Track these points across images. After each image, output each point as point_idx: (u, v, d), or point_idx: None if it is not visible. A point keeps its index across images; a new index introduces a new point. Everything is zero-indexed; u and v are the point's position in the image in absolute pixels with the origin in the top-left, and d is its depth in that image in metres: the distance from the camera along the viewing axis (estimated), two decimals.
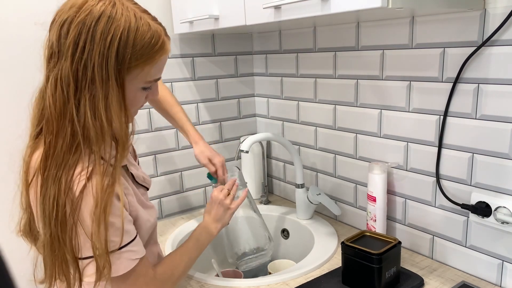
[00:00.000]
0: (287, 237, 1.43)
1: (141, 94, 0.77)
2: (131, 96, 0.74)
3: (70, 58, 0.67)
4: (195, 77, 1.50)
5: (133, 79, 0.72)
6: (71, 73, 0.68)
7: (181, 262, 0.90)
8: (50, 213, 0.70)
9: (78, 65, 0.67)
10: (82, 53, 0.67)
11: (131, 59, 0.69)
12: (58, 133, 0.70)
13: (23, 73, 1.17)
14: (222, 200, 1.03)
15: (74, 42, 0.67)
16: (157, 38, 0.72)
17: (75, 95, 0.69)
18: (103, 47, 0.67)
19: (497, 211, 0.94)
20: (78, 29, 0.67)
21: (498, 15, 0.88)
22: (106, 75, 0.68)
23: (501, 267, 0.97)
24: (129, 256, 0.76)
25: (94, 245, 0.70)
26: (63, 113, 0.69)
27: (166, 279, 0.86)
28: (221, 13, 1.16)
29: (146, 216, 0.85)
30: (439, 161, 1.05)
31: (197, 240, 0.96)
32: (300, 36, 1.38)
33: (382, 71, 1.14)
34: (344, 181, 1.33)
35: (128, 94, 0.73)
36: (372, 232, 1.03)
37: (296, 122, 1.48)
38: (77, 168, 0.70)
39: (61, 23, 0.68)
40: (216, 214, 1.02)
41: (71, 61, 0.68)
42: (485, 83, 0.93)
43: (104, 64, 0.68)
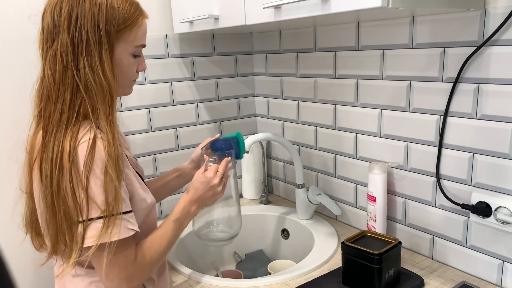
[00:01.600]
0: (287, 237, 1.43)
1: (133, 62, 0.86)
2: (125, 62, 0.84)
3: (66, 30, 0.77)
4: (195, 77, 1.50)
5: (125, 44, 0.83)
6: (69, 42, 0.77)
7: (161, 246, 0.88)
8: (52, 173, 0.76)
9: (74, 34, 0.77)
10: (76, 23, 0.77)
11: (119, 22, 0.80)
12: (57, 100, 0.78)
13: (24, 71, 1.16)
14: (216, 185, 0.97)
15: (69, 16, 0.77)
16: (135, 5, 0.84)
17: (73, 60, 0.78)
18: (93, 14, 0.78)
19: (498, 211, 0.93)
20: (70, 5, 0.77)
21: (498, 15, 0.88)
22: (99, 37, 0.78)
23: (501, 267, 0.97)
24: (127, 225, 0.79)
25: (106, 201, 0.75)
26: (62, 81, 0.78)
27: (146, 263, 0.85)
28: (221, 13, 1.16)
29: (142, 195, 0.87)
30: (439, 161, 1.05)
31: (178, 221, 0.93)
32: (300, 36, 1.38)
33: (382, 71, 1.14)
34: (344, 181, 1.33)
35: (122, 59, 0.83)
36: (372, 232, 1.03)
37: (296, 122, 1.48)
38: (80, 130, 0.77)
39: (53, 6, 0.78)
40: (202, 196, 0.96)
41: (68, 32, 0.77)
42: (485, 83, 0.93)
43: (96, 28, 0.78)
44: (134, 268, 0.82)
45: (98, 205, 0.75)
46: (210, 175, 0.97)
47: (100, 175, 0.76)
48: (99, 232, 0.76)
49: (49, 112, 0.79)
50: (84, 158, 0.75)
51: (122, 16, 0.80)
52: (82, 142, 0.75)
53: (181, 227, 0.93)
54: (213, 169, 0.98)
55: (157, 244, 0.88)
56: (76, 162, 0.75)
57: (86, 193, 0.75)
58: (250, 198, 1.61)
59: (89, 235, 0.76)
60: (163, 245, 0.89)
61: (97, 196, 0.75)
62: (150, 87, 1.41)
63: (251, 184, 1.60)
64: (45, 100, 0.80)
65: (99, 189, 0.76)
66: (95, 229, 0.76)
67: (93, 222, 0.76)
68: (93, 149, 0.75)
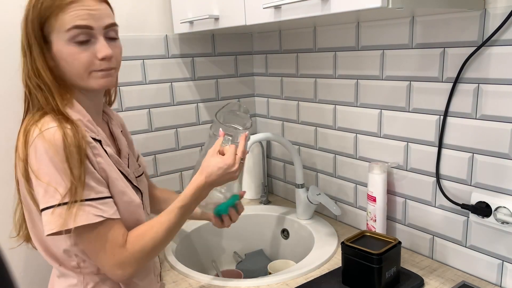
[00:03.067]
0: (287, 237, 1.43)
1: (78, 50, 0.78)
2: (66, 53, 0.78)
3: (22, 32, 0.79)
4: (195, 77, 1.50)
5: (57, 33, 0.78)
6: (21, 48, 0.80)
7: (158, 233, 0.82)
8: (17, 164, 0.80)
9: (22, 36, 0.80)
10: (24, 24, 0.79)
11: (41, 13, 0.77)
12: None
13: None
14: (235, 171, 0.87)
15: (24, 18, 0.79)
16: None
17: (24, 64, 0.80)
18: (26, 14, 0.78)
19: (497, 211, 0.94)
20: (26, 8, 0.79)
21: (498, 15, 0.88)
22: (30, 37, 0.78)
23: (501, 267, 0.97)
24: (92, 211, 0.76)
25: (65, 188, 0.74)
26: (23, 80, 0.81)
27: (137, 250, 0.80)
28: (221, 13, 1.16)
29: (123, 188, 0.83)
30: (439, 161, 1.05)
31: (184, 208, 0.85)
32: (300, 36, 1.38)
33: (382, 71, 1.14)
34: (344, 181, 1.33)
35: (61, 51, 0.79)
36: (372, 232, 1.03)
37: (296, 122, 1.48)
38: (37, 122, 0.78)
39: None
40: (218, 180, 0.87)
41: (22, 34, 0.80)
42: (485, 83, 0.93)
43: (28, 29, 0.78)
44: (123, 255, 0.79)
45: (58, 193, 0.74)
46: (230, 161, 0.87)
47: (63, 164, 0.74)
48: (59, 218, 0.74)
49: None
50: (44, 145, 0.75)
51: (45, 5, 0.76)
52: (43, 130, 0.75)
53: (186, 213, 0.86)
54: (232, 153, 0.88)
55: (153, 231, 0.82)
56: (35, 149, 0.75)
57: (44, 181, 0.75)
58: (250, 198, 1.62)
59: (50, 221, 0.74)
60: (160, 233, 0.82)
61: (57, 184, 0.74)
62: (150, 87, 1.41)
63: (251, 184, 1.60)
64: None
65: (61, 176, 0.74)
66: (58, 214, 0.74)
67: (55, 208, 0.74)
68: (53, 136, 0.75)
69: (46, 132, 0.75)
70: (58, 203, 0.74)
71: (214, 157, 0.88)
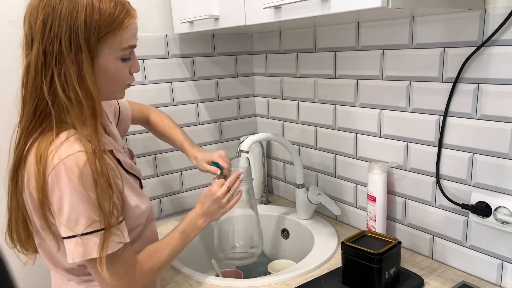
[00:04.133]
0: (287, 237, 1.43)
1: (122, 66, 0.79)
2: (113, 68, 0.77)
3: (40, 39, 0.71)
4: (195, 77, 1.50)
5: (109, 49, 0.75)
6: (41, 53, 0.71)
7: (163, 254, 0.87)
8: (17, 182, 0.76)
9: (46, 43, 0.71)
10: (50, 31, 0.71)
11: (101, 28, 0.73)
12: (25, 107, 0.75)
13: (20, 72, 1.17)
14: (219, 197, 1.00)
15: (43, 24, 0.71)
16: (121, 6, 0.76)
17: (44, 72, 0.72)
18: (69, 21, 0.70)
19: (497, 211, 0.94)
20: (45, 11, 0.71)
21: (498, 15, 0.88)
22: (77, 46, 0.71)
23: (501, 267, 0.97)
24: (115, 239, 0.76)
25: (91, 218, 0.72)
26: (33, 91, 0.73)
27: (146, 271, 0.84)
28: (221, 13, 1.16)
29: (135, 202, 0.84)
30: (439, 161, 1.05)
31: (184, 233, 0.93)
32: (300, 36, 1.38)
33: (382, 71, 1.14)
34: (344, 181, 1.33)
35: (109, 65, 0.76)
36: (372, 232, 1.03)
37: (296, 122, 1.48)
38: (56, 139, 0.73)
39: (30, 12, 0.73)
40: (208, 209, 0.99)
41: (41, 41, 0.71)
42: (485, 83, 0.93)
43: (73, 37, 0.71)
44: (133, 275, 0.81)
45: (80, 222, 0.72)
46: (214, 188, 1.00)
47: (87, 192, 0.71)
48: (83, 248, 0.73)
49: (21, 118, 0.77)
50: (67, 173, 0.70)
51: (104, 20, 0.73)
52: (66, 156, 0.71)
53: (187, 239, 0.94)
54: (217, 183, 1.02)
55: (160, 252, 0.87)
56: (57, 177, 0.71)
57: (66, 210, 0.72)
58: None
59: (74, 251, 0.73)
60: (165, 254, 0.88)
61: (80, 213, 0.72)
62: (151, 87, 1.41)
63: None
64: (21, 107, 0.77)
65: (84, 205, 0.72)
66: (81, 244, 0.73)
67: (77, 238, 0.73)
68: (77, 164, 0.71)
69: (69, 158, 0.71)
70: (81, 233, 0.72)
71: (204, 191, 1.01)
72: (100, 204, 0.73)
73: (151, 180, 1.45)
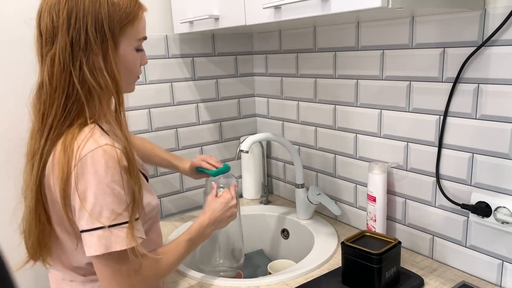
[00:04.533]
0: (287, 237, 1.43)
1: (137, 56, 0.84)
2: (130, 58, 0.82)
3: (65, 31, 0.74)
4: (195, 77, 1.50)
5: (128, 39, 0.80)
6: (68, 43, 0.74)
7: (168, 261, 0.87)
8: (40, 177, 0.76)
9: (73, 34, 0.74)
10: (75, 23, 0.74)
11: (122, 18, 0.78)
12: (54, 103, 0.76)
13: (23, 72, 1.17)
14: (234, 206, 1.02)
15: (68, 17, 0.74)
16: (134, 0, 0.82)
17: (72, 62, 0.75)
18: (94, 12, 0.74)
19: (497, 211, 0.94)
20: (68, 5, 0.74)
21: (498, 15, 0.88)
22: (102, 35, 0.75)
23: (501, 267, 0.97)
24: (136, 233, 0.76)
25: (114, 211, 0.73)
26: (59, 84, 0.75)
27: (150, 276, 0.83)
28: (221, 13, 1.16)
29: (147, 199, 0.85)
30: (439, 161, 1.05)
31: (191, 241, 0.94)
32: (300, 36, 1.38)
33: (382, 71, 1.14)
34: (344, 181, 1.33)
35: (128, 55, 0.81)
36: (372, 232, 1.03)
37: (296, 122, 1.48)
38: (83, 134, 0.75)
39: (50, 7, 0.75)
40: (220, 217, 0.99)
41: (67, 33, 0.74)
42: (485, 83, 0.93)
43: (99, 26, 0.75)
44: (136, 279, 0.80)
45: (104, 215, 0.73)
46: (229, 196, 1.03)
47: (112, 184, 0.73)
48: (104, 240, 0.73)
49: (46, 116, 0.76)
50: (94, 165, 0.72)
51: (123, 11, 0.78)
52: (93, 149, 0.72)
53: (192, 247, 0.94)
54: (227, 191, 1.04)
55: (166, 258, 0.87)
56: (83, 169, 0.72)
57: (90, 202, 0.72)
58: (250, 198, 1.62)
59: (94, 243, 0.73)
60: (171, 261, 0.88)
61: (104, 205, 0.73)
62: (151, 87, 1.41)
63: (251, 184, 1.60)
64: (43, 106, 0.77)
65: (109, 198, 0.73)
66: (103, 237, 0.73)
67: (99, 230, 0.73)
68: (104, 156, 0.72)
69: (96, 151, 0.72)
70: (104, 225, 0.73)
71: (213, 198, 1.03)
72: (125, 197, 0.74)
73: (151, 180, 1.45)
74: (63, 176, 0.72)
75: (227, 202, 1.01)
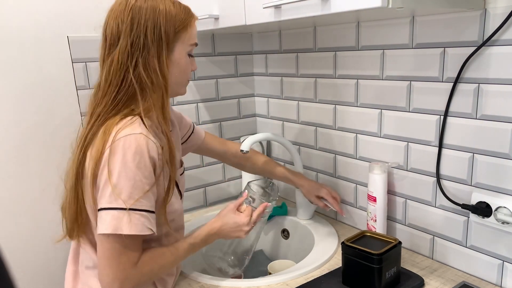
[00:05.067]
0: (287, 237, 1.43)
1: (189, 61, 0.92)
2: (184, 62, 0.90)
3: (128, 34, 0.83)
4: (195, 77, 1.50)
5: (182, 43, 0.88)
6: (129, 44, 0.83)
7: (165, 261, 0.89)
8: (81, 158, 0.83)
9: (134, 37, 0.83)
10: (137, 28, 0.83)
11: (176, 23, 0.86)
12: (105, 95, 0.84)
13: (23, 71, 1.16)
14: (243, 227, 0.99)
15: (131, 23, 0.83)
16: (188, 9, 0.90)
17: (129, 60, 0.83)
18: (153, 17, 0.84)
19: (498, 211, 0.93)
20: (133, 12, 0.83)
21: (498, 15, 0.88)
22: (159, 37, 0.84)
23: (501, 267, 0.97)
24: (146, 223, 0.80)
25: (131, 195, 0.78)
26: (113, 78, 0.83)
27: (144, 273, 0.85)
28: (221, 13, 1.16)
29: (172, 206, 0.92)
30: (440, 161, 1.05)
31: (192, 245, 0.95)
32: (300, 36, 1.38)
33: (382, 71, 1.14)
34: (344, 181, 1.33)
35: (181, 59, 0.89)
36: (372, 232, 1.03)
37: (296, 122, 1.48)
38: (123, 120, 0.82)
39: (116, 15, 0.84)
40: (227, 232, 0.99)
41: (129, 36, 0.83)
42: (486, 83, 0.93)
43: (157, 29, 0.84)
44: (131, 272, 0.82)
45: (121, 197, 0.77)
46: (245, 220, 1.00)
47: (135, 170, 0.78)
48: (116, 221, 0.77)
49: (97, 105, 0.85)
50: (124, 149, 0.77)
51: (178, 18, 0.86)
52: (127, 134, 0.78)
53: (192, 251, 0.95)
54: (248, 213, 1.01)
55: (164, 258, 0.89)
56: (114, 150, 0.78)
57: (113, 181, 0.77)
58: None
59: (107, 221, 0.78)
60: (168, 261, 0.90)
61: (124, 188, 0.77)
62: None
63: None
64: (95, 100, 0.85)
65: (130, 183, 0.77)
66: (115, 218, 0.77)
67: (114, 210, 0.78)
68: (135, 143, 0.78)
69: (130, 137, 0.78)
70: (119, 206, 0.77)
71: (232, 211, 1.01)
72: (145, 186, 0.79)
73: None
74: (97, 155, 0.79)
75: (240, 225, 0.99)
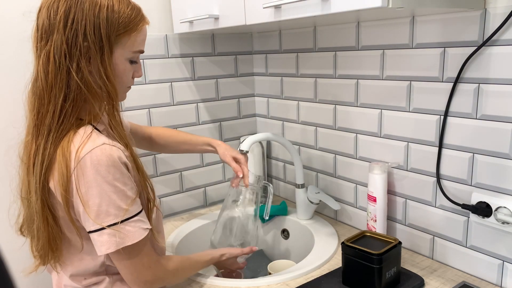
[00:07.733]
0: (287, 237, 1.43)
1: (129, 68, 0.84)
2: (121, 68, 0.82)
3: (62, 30, 0.74)
4: (195, 77, 1.50)
5: (122, 49, 0.80)
6: (64, 42, 0.74)
7: (188, 268, 0.96)
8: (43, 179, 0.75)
9: (69, 35, 0.74)
10: (72, 24, 0.74)
11: (119, 26, 0.78)
12: (50, 102, 0.75)
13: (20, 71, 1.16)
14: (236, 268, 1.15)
15: (65, 16, 0.74)
16: (137, 10, 0.82)
17: (69, 62, 0.75)
18: (93, 16, 0.75)
19: (498, 211, 0.93)
20: (67, 4, 0.74)
21: (498, 15, 0.88)
22: (100, 40, 0.76)
23: (501, 267, 0.97)
24: (141, 225, 0.79)
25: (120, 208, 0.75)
26: (55, 82, 0.75)
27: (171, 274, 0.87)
28: (221, 13, 1.16)
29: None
30: (440, 161, 1.05)
31: (206, 263, 1.04)
32: (300, 36, 1.38)
33: (382, 71, 1.14)
34: (344, 181, 1.33)
35: (118, 64, 0.81)
36: (372, 232, 1.03)
37: (296, 122, 1.48)
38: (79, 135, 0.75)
39: (50, 3, 0.76)
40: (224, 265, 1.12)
41: (63, 32, 0.74)
42: (486, 83, 0.93)
43: (97, 31, 0.75)
44: (157, 269, 0.83)
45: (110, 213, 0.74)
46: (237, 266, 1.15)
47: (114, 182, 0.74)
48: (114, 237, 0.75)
49: (42, 114, 0.76)
50: (94, 165, 0.72)
51: (122, 20, 0.78)
52: (91, 149, 0.73)
53: (203, 266, 1.03)
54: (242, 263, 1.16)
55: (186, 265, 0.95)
56: (83, 170, 0.72)
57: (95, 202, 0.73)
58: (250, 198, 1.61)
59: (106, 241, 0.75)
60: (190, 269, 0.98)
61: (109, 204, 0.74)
62: (150, 87, 1.41)
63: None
64: (38, 102, 0.77)
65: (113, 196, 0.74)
66: (112, 235, 0.75)
67: (107, 229, 0.74)
68: (103, 155, 0.73)
69: (95, 151, 0.73)
70: (111, 223, 0.74)
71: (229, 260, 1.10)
72: (129, 193, 0.76)
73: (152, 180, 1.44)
74: (63, 180, 0.73)
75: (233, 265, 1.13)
